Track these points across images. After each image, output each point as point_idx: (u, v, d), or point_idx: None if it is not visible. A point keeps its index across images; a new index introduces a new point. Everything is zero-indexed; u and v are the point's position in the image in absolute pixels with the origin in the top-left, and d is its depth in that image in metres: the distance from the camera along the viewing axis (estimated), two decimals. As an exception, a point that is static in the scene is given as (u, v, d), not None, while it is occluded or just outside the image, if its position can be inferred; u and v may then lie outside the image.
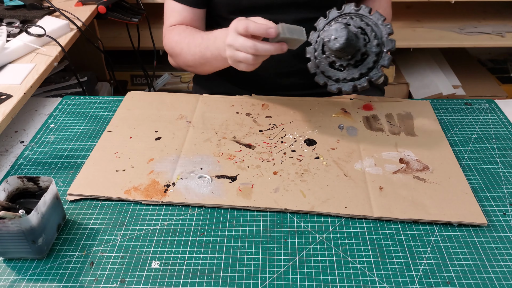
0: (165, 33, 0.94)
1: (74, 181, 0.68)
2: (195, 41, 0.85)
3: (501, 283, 0.55)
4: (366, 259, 0.58)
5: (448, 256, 0.58)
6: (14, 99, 0.81)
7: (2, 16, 1.10)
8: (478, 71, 1.99)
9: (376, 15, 0.74)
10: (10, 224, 0.53)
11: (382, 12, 0.95)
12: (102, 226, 0.62)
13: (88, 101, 0.90)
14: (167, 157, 0.73)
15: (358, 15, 0.75)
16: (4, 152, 0.78)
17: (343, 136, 0.78)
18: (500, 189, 0.68)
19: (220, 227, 0.62)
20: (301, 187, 0.67)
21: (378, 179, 0.69)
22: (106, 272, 0.56)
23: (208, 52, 0.82)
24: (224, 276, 0.56)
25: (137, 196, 0.66)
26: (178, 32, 0.90)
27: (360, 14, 0.75)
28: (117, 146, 0.75)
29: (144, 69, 1.58)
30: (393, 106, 0.86)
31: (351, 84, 0.76)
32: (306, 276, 0.55)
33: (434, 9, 1.98)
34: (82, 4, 1.28)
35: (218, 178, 0.69)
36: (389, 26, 0.73)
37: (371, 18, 0.74)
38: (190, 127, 0.80)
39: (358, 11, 0.76)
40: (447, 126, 0.82)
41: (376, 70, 0.74)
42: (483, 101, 0.90)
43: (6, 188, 0.60)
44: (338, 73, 0.77)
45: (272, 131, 0.79)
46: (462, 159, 0.74)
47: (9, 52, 0.94)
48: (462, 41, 1.75)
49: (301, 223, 0.63)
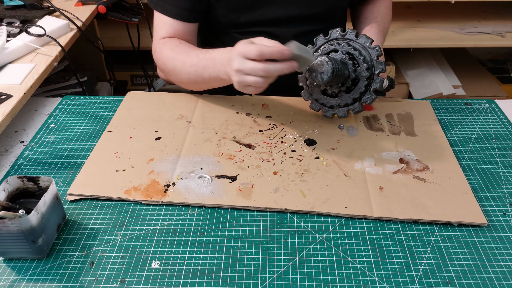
0: (155, 46, 0.88)
1: (74, 181, 0.68)
2: (190, 60, 0.80)
3: (501, 283, 0.55)
4: (366, 259, 0.58)
5: (448, 256, 0.58)
6: (14, 99, 0.81)
7: (2, 16, 1.10)
8: (478, 71, 1.99)
9: (363, 38, 0.75)
10: (10, 224, 0.53)
11: (383, 11, 0.95)
12: (102, 226, 0.62)
13: (88, 101, 0.90)
14: (167, 157, 0.73)
15: (345, 39, 0.76)
16: (4, 152, 0.78)
17: (343, 136, 0.78)
18: (500, 189, 0.68)
19: (220, 227, 0.62)
20: (301, 187, 0.67)
21: (378, 179, 0.69)
22: (106, 272, 0.56)
23: (206, 73, 0.78)
24: (224, 276, 0.56)
25: (137, 196, 0.66)
26: (170, 48, 0.84)
27: (347, 39, 0.76)
28: (117, 146, 0.75)
29: (144, 69, 1.58)
30: (393, 106, 0.86)
31: (345, 109, 0.78)
32: (306, 276, 0.55)
33: (434, 9, 1.98)
34: (82, 4, 1.28)
35: (218, 178, 0.69)
36: (377, 49, 0.74)
37: (358, 42, 0.75)
38: (190, 127, 0.80)
39: (345, 36, 0.76)
40: (447, 126, 0.82)
41: (368, 94, 0.76)
42: (483, 101, 0.90)
43: (6, 188, 0.60)
44: (331, 100, 0.79)
45: (272, 131, 0.79)
46: (462, 159, 0.74)
47: (9, 52, 0.94)
48: (462, 41, 1.75)
49: (301, 223, 0.63)
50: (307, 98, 0.81)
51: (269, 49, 0.65)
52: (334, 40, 0.77)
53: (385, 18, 0.95)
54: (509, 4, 1.98)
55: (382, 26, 0.91)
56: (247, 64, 0.67)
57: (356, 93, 0.75)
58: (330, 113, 0.79)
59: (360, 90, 0.75)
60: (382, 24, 0.91)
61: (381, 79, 0.74)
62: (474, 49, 2.13)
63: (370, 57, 0.74)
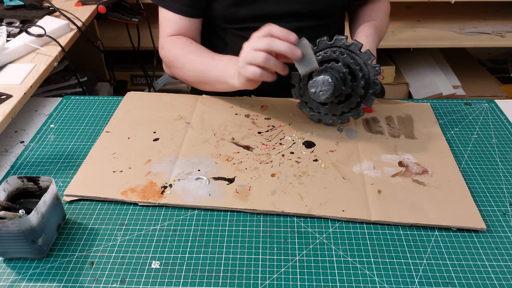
0: (163, 43, 0.91)
1: (71, 182, 0.68)
2: (201, 60, 0.83)
3: (501, 283, 0.55)
4: (366, 259, 0.58)
5: (448, 256, 0.58)
6: (14, 99, 0.82)
7: (2, 16, 1.10)
8: (478, 71, 1.99)
9: (367, 54, 0.73)
10: (10, 224, 0.54)
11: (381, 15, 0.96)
12: (102, 226, 0.62)
13: (88, 101, 0.90)
14: (165, 158, 0.73)
15: (348, 50, 0.74)
16: (4, 152, 0.78)
17: (342, 139, 0.78)
18: (500, 189, 0.68)
19: (220, 227, 0.62)
20: (298, 189, 0.67)
21: (376, 182, 0.68)
22: (106, 272, 0.56)
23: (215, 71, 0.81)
24: (224, 276, 0.56)
25: (133, 197, 0.65)
26: (180, 46, 0.88)
27: (350, 50, 0.74)
28: (115, 147, 0.75)
29: (144, 69, 1.58)
30: (393, 108, 0.86)
31: (332, 117, 0.79)
32: (306, 276, 0.55)
33: (434, 9, 1.98)
34: (82, 4, 1.28)
35: (215, 180, 0.69)
36: (377, 68, 0.73)
37: (361, 57, 0.74)
38: (188, 128, 0.80)
39: (349, 47, 0.74)
40: (447, 126, 0.82)
41: (357, 110, 0.77)
42: (483, 101, 0.90)
43: (6, 188, 0.60)
44: (320, 107, 0.79)
45: (271, 132, 0.79)
46: (462, 160, 0.74)
47: (9, 52, 0.94)
48: (462, 41, 1.75)
49: (301, 223, 0.63)
50: (296, 97, 0.81)
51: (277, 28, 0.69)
52: (337, 48, 0.75)
53: (382, 22, 0.95)
54: (509, 4, 1.98)
55: (379, 28, 0.91)
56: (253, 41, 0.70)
57: (346, 107, 0.76)
58: (316, 118, 0.80)
59: (351, 106, 0.76)
60: (379, 26, 0.91)
61: (373, 98, 0.75)
62: (474, 49, 2.13)
63: (368, 75, 0.74)
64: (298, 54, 0.68)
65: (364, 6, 0.99)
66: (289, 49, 0.68)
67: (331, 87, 0.70)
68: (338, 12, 0.96)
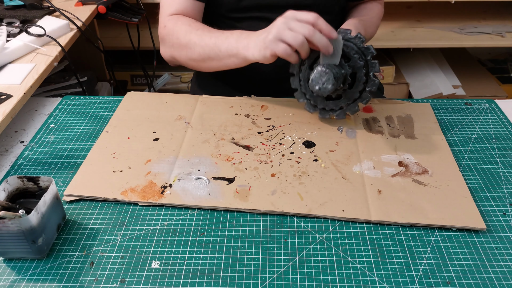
0: (165, 22, 0.88)
1: (71, 182, 0.68)
2: (210, 34, 0.81)
3: (501, 283, 0.55)
4: (366, 259, 0.58)
5: (448, 256, 0.58)
6: (14, 99, 0.82)
7: (2, 16, 1.10)
8: (478, 71, 1.99)
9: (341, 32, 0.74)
10: (10, 224, 0.54)
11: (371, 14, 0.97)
12: (102, 226, 0.62)
13: (88, 101, 0.90)
14: (164, 158, 0.73)
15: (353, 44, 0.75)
16: (4, 152, 0.78)
17: (342, 139, 0.78)
18: (500, 189, 0.68)
19: (220, 227, 0.62)
20: (298, 189, 0.67)
21: (376, 182, 0.68)
22: (106, 272, 0.56)
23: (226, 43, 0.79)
24: (224, 276, 0.56)
25: (133, 197, 0.66)
26: (187, 23, 0.85)
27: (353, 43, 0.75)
28: (114, 147, 0.75)
29: (144, 69, 1.58)
30: (393, 108, 0.86)
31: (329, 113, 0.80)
32: (306, 276, 0.55)
33: (434, 9, 1.98)
34: (82, 4, 1.28)
35: (215, 180, 0.69)
36: (359, 36, 0.74)
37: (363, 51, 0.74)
38: (188, 128, 0.80)
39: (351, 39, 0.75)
40: (447, 126, 0.82)
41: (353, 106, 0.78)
42: (483, 101, 0.90)
43: (6, 188, 0.60)
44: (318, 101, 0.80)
45: (271, 132, 0.79)
46: (462, 159, 0.74)
47: (9, 52, 0.94)
48: (462, 41, 1.75)
49: (301, 223, 0.63)
50: (300, 98, 0.81)
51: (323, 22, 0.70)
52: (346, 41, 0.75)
53: (372, 20, 0.95)
54: (509, 4, 1.98)
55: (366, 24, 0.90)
56: (292, 22, 0.70)
57: (360, 84, 0.76)
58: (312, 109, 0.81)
59: (362, 80, 0.75)
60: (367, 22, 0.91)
61: (376, 62, 0.74)
62: (474, 49, 2.13)
63: (356, 46, 0.74)
64: (330, 51, 0.71)
65: (358, 7, 1.00)
66: (326, 46, 0.70)
67: (329, 74, 0.70)
68: (337, 9, 0.97)
